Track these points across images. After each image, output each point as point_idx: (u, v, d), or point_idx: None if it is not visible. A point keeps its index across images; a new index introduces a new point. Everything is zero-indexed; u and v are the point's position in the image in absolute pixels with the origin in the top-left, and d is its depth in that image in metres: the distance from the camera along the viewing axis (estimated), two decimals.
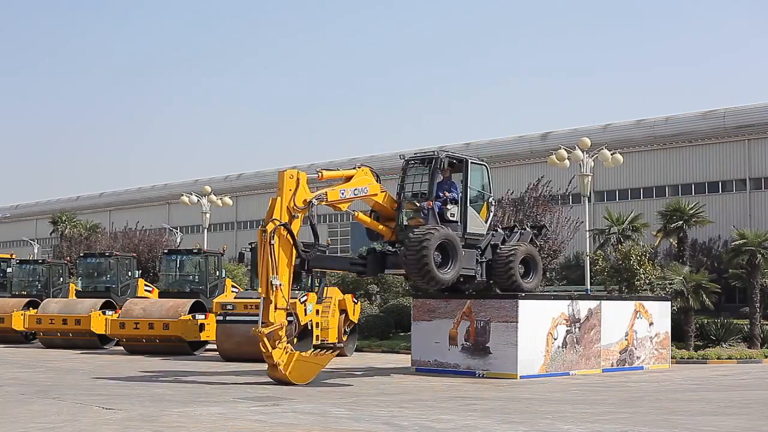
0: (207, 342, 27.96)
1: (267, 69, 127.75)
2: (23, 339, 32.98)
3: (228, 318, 24.58)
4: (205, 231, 43.06)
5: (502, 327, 20.26)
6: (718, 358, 26.20)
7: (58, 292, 34.56)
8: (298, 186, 18.13)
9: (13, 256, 37.84)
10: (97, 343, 29.72)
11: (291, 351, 17.81)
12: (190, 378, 19.35)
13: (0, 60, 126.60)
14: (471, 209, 19.95)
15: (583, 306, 21.85)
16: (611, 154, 29.50)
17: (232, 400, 14.98)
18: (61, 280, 35.31)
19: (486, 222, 20.54)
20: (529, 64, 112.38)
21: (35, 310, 31.08)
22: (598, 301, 22.61)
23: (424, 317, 21.80)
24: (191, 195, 43.69)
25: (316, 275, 26.06)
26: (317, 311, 23.71)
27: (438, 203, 19.55)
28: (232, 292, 29.73)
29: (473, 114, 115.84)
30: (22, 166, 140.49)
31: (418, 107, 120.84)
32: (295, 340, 18.91)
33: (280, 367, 17.65)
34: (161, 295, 29.94)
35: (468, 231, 19.88)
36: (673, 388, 18.72)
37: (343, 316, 26.79)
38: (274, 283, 17.44)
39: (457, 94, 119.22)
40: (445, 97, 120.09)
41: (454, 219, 19.63)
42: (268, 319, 17.51)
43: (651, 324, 23.64)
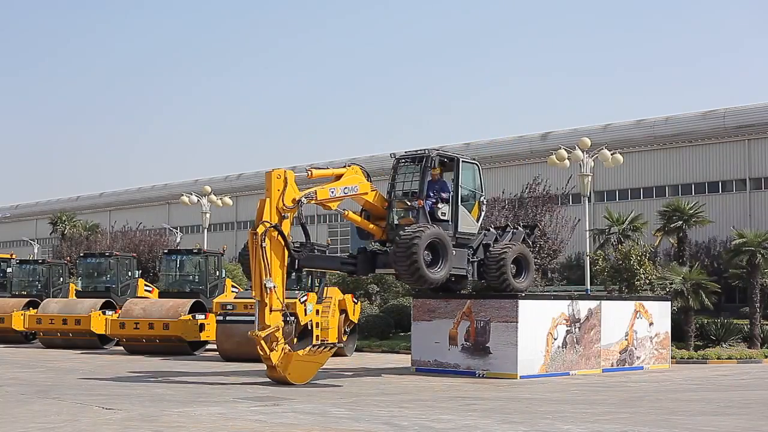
0: (207, 342, 27.97)
1: (267, 69, 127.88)
2: (23, 339, 32.98)
3: (228, 318, 24.60)
4: (205, 231, 43.06)
5: (502, 327, 20.26)
6: (718, 358, 26.20)
7: (58, 292, 34.56)
8: (286, 185, 18.03)
9: (13, 256, 37.84)
10: (97, 343, 29.72)
11: (289, 352, 17.81)
12: (190, 378, 19.34)
13: (0, 60, 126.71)
14: (462, 208, 19.81)
15: (583, 306, 21.85)
16: (611, 154, 29.49)
17: (232, 400, 14.98)
18: (61, 280, 35.31)
19: (477, 221, 20.41)
20: (529, 64, 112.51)
21: (35, 310, 31.08)
22: (598, 301, 22.61)
23: (424, 317, 21.80)
24: (191, 195, 43.67)
25: (316, 275, 26.10)
26: (317, 311, 23.69)
27: (429, 202, 19.42)
28: (232, 292, 29.74)
29: (473, 114, 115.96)
30: (22, 166, 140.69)
31: (418, 107, 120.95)
32: (295, 340, 18.91)
33: (279, 369, 17.67)
34: (161, 295, 29.95)
35: (459, 230, 19.74)
36: (673, 388, 18.72)
37: (343, 316, 26.80)
38: (267, 286, 17.40)
39: (456, 94, 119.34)
40: (445, 97, 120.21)
41: (445, 218, 19.47)
42: (264, 322, 17.50)
43: (651, 324, 23.64)
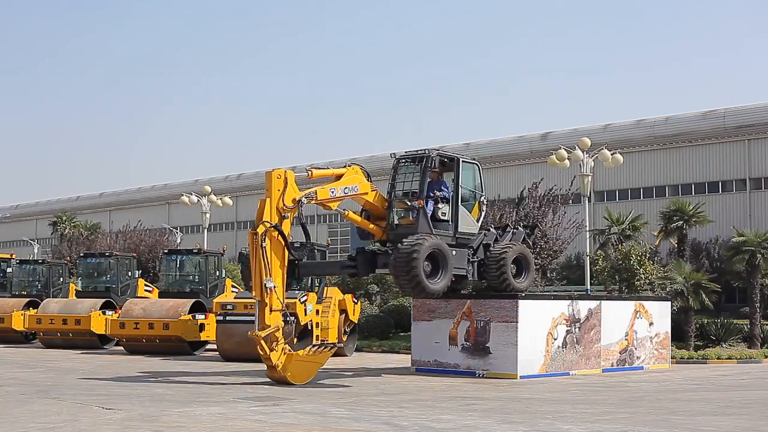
0: (207, 342, 27.96)
1: (267, 69, 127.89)
2: (23, 339, 32.98)
3: (228, 318, 24.59)
4: (205, 231, 43.06)
5: (502, 327, 20.26)
6: (718, 358, 26.20)
7: (58, 292, 34.56)
8: (286, 185, 18.01)
9: (13, 256, 37.84)
10: (97, 343, 29.72)
11: (289, 352, 17.81)
12: (190, 378, 19.34)
13: (0, 60, 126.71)
14: (462, 208, 19.76)
15: (583, 306, 21.84)
16: (611, 154, 29.50)
17: (232, 400, 14.98)
18: (61, 280, 35.31)
19: (478, 221, 20.34)
20: (530, 64, 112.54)
21: (35, 310, 31.07)
22: (598, 301, 22.60)
23: (424, 317, 21.80)
24: (191, 195, 43.68)
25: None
26: (317, 311, 23.68)
27: (429, 202, 19.33)
28: (232, 292, 29.73)
29: (473, 114, 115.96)
30: (22, 166, 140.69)
31: (418, 107, 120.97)
32: (295, 340, 18.90)
33: (279, 369, 17.67)
34: (161, 295, 29.94)
35: (459, 230, 19.69)
36: (673, 388, 18.72)
37: (343, 316, 26.78)
38: (267, 286, 17.40)
39: (457, 94, 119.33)
40: (444, 97, 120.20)
41: (445, 218, 19.42)
42: (264, 322, 17.50)
43: (651, 324, 23.63)
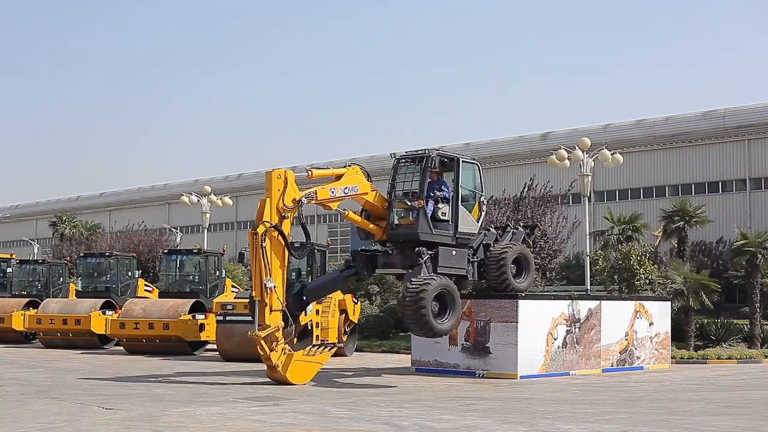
0: (207, 342, 27.96)
1: (267, 69, 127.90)
2: (23, 339, 32.99)
3: (228, 318, 24.59)
4: (205, 231, 43.05)
5: (502, 327, 20.26)
6: (718, 358, 26.19)
7: (58, 292, 34.56)
8: (286, 185, 18.00)
9: (13, 256, 37.85)
10: (97, 343, 29.72)
11: (289, 352, 17.82)
12: (190, 378, 19.35)
13: (0, 60, 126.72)
14: (462, 208, 19.70)
15: (583, 306, 21.84)
16: (611, 154, 29.49)
17: (232, 400, 14.98)
18: (61, 280, 35.31)
19: (478, 221, 20.26)
20: (530, 64, 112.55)
21: (35, 310, 31.08)
22: (598, 301, 22.59)
23: None
24: (191, 195, 43.67)
25: (316, 275, 26.08)
26: (317, 311, 23.69)
27: (429, 202, 19.26)
28: (232, 292, 29.74)
29: (473, 114, 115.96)
30: (22, 166, 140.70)
31: (418, 107, 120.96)
32: (295, 340, 18.90)
33: (279, 369, 17.67)
34: (161, 295, 29.94)
35: (459, 230, 19.63)
36: (673, 388, 18.72)
37: (343, 316, 26.79)
38: (268, 286, 17.39)
39: (457, 94, 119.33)
40: (445, 97, 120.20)
41: (445, 218, 19.37)
42: (264, 322, 17.49)
43: (651, 324, 23.63)
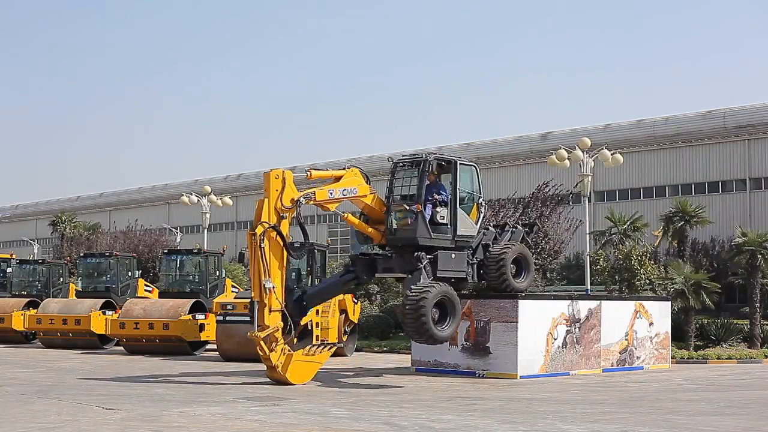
0: (207, 342, 27.96)
1: (267, 68, 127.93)
2: (23, 339, 32.99)
3: (228, 318, 24.59)
4: (205, 231, 43.04)
5: (502, 327, 20.26)
6: (718, 358, 26.19)
7: (58, 292, 34.56)
8: (284, 186, 17.95)
9: (13, 256, 37.84)
10: (97, 343, 29.72)
11: (289, 352, 17.82)
12: (190, 378, 19.35)
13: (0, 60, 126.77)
14: (461, 211, 19.61)
15: (583, 306, 21.84)
16: (611, 154, 29.48)
17: (232, 400, 14.99)
18: (61, 280, 35.30)
19: (476, 223, 20.19)
20: (530, 63, 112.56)
21: (35, 310, 31.07)
22: (598, 301, 22.59)
23: None
24: (191, 195, 43.66)
25: (316, 275, 26.11)
26: (317, 311, 23.71)
27: (428, 206, 19.20)
28: (232, 292, 29.75)
29: (473, 114, 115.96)
30: (22, 166, 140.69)
31: (418, 107, 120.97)
32: (294, 340, 18.91)
33: (279, 369, 17.68)
34: (161, 295, 29.93)
35: (458, 234, 19.57)
36: (673, 388, 18.72)
37: (343, 316, 26.80)
38: (266, 287, 17.39)
39: (457, 94, 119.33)
40: (445, 96, 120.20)
41: (444, 222, 19.31)
42: (264, 323, 17.49)
43: (651, 324, 23.63)
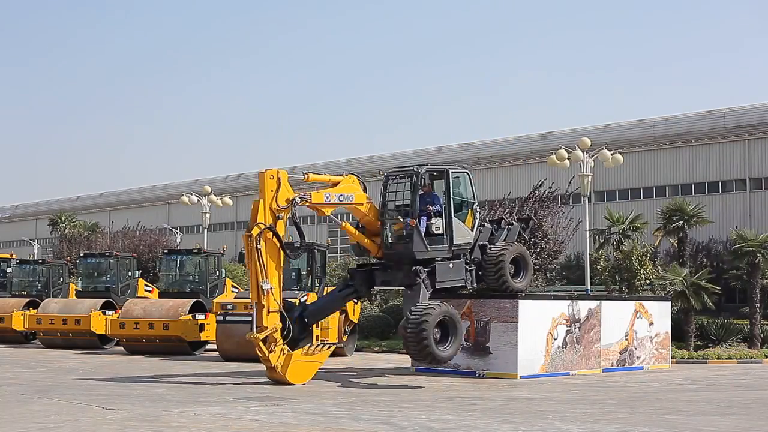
0: (207, 342, 27.94)
1: (267, 67, 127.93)
2: (23, 339, 32.95)
3: (228, 318, 24.57)
4: (205, 231, 43.05)
5: (502, 327, 20.25)
6: (718, 358, 26.19)
7: (58, 292, 34.52)
8: (279, 186, 17.89)
9: (13, 256, 37.81)
10: (97, 343, 29.71)
11: (288, 352, 17.82)
12: (190, 378, 19.35)
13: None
14: (456, 220, 19.44)
15: (583, 306, 21.83)
16: (611, 154, 29.48)
17: (232, 400, 14.99)
18: (61, 280, 35.27)
19: (472, 230, 20.03)
20: (530, 63, 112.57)
21: (35, 310, 31.04)
22: (598, 301, 22.57)
23: None
24: (191, 195, 43.67)
25: (316, 275, 26.11)
26: None
27: (423, 218, 19.01)
28: (232, 292, 29.75)
29: (473, 114, 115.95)
30: (22, 166, 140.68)
31: (418, 107, 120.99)
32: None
33: (279, 370, 17.68)
34: (161, 295, 29.91)
35: (455, 243, 19.45)
36: (673, 388, 18.72)
37: (343, 316, 26.76)
38: (264, 288, 17.38)
39: (457, 94, 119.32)
40: (445, 96, 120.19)
41: (439, 233, 19.17)
42: (262, 324, 17.49)
43: (651, 324, 23.62)
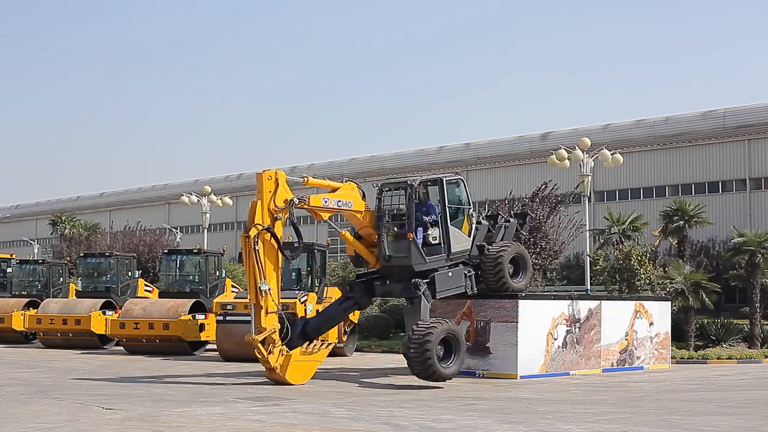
0: (207, 342, 27.95)
1: (266, 66, 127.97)
2: (23, 339, 32.97)
3: (228, 318, 24.57)
4: (205, 231, 43.09)
5: (502, 327, 20.25)
6: (718, 358, 26.19)
7: (58, 292, 34.53)
8: (277, 186, 17.86)
9: (13, 256, 37.81)
10: (97, 343, 29.71)
11: (287, 353, 17.82)
12: (190, 378, 19.35)
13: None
14: (453, 228, 19.38)
15: (583, 306, 21.83)
16: (611, 154, 29.52)
17: (232, 400, 14.99)
18: (61, 280, 35.28)
19: (469, 236, 19.99)
20: (530, 63, 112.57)
21: (35, 310, 31.05)
22: (598, 301, 22.58)
23: None
24: (191, 195, 43.72)
25: (316, 275, 26.10)
26: (317, 311, 23.69)
27: (419, 230, 18.93)
28: (232, 292, 29.73)
29: (473, 114, 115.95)
30: (22, 166, 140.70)
31: (418, 106, 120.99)
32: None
33: (278, 371, 17.69)
34: (161, 295, 29.91)
35: (453, 252, 19.40)
36: (673, 388, 18.72)
37: None
38: (262, 289, 17.37)
39: (457, 94, 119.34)
40: (445, 96, 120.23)
41: (437, 242, 19.12)
42: (261, 325, 17.48)
43: (651, 324, 23.62)
